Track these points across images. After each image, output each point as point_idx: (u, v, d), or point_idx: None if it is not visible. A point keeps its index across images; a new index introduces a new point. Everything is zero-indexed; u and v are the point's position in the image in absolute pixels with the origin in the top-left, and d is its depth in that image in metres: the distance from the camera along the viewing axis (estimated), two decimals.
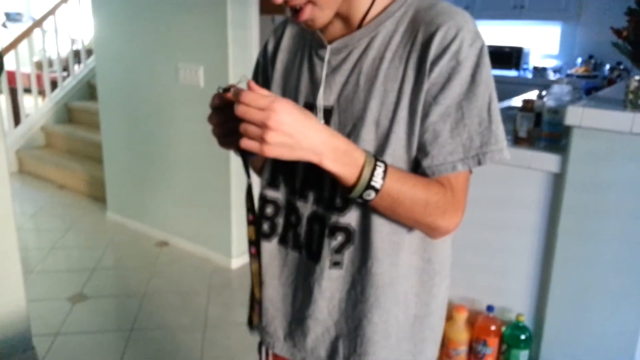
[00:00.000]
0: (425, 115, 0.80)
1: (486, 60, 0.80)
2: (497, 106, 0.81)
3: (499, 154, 0.80)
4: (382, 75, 0.82)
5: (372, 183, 0.74)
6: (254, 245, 0.92)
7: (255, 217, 0.90)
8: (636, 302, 1.70)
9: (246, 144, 0.70)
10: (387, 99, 0.81)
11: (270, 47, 1.00)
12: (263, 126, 0.68)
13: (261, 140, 0.68)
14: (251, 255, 0.92)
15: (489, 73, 0.81)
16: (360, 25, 0.85)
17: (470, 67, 0.78)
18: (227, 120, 0.76)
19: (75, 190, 4.42)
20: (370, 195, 0.76)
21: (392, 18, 0.84)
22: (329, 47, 0.87)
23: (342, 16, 0.85)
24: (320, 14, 0.81)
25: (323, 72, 0.88)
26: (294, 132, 0.69)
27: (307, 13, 0.80)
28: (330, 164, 0.73)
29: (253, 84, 0.70)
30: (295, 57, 0.95)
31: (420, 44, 0.80)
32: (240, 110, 0.68)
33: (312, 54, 0.91)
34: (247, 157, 0.86)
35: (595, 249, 1.74)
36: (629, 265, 1.69)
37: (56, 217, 3.92)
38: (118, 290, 2.91)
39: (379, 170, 0.75)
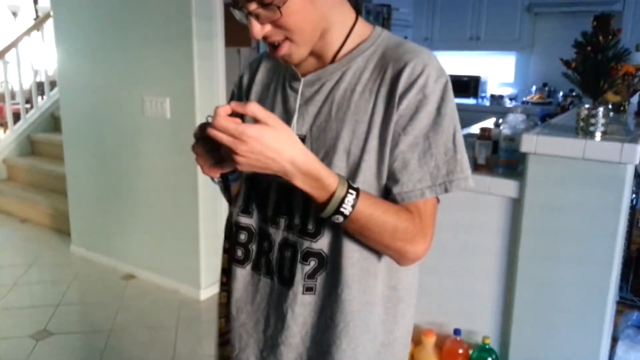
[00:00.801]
0: (395, 145, 0.84)
1: (450, 94, 0.86)
2: (461, 137, 0.86)
3: (464, 182, 0.85)
4: (353, 107, 0.86)
5: (341, 209, 0.78)
6: (225, 274, 0.94)
7: (230, 246, 0.92)
8: (597, 320, 1.76)
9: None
10: (358, 129, 0.85)
11: (245, 80, 1.04)
12: (232, 152, 0.73)
13: (233, 158, 0.74)
14: (222, 284, 0.95)
15: (453, 106, 0.86)
16: (332, 61, 0.90)
17: (436, 100, 0.84)
18: (212, 150, 0.81)
19: (39, 223, 4.32)
20: (339, 219, 0.80)
21: (362, 55, 0.89)
22: (302, 79, 0.91)
23: (315, 53, 0.90)
24: (297, 50, 0.85)
25: (297, 103, 0.91)
26: (262, 158, 0.74)
27: (284, 49, 0.84)
28: (300, 184, 0.78)
29: (235, 105, 0.74)
30: (269, 90, 0.98)
31: (390, 78, 0.85)
32: (211, 132, 0.73)
33: (285, 86, 0.95)
34: (229, 183, 0.89)
35: (555, 271, 1.80)
36: (587, 285, 1.75)
37: (19, 252, 3.82)
38: (83, 326, 2.84)
39: (350, 198, 0.78)
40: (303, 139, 0.90)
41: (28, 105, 5.28)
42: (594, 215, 1.72)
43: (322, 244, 0.88)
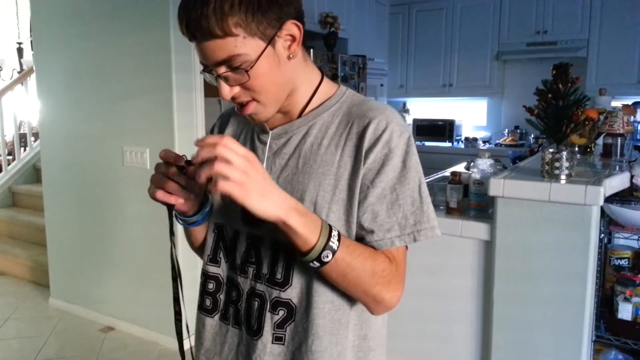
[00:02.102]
0: (364, 198, 0.87)
1: (414, 148, 0.90)
2: (426, 189, 0.90)
3: (431, 231, 0.89)
4: (320, 160, 0.90)
5: (330, 243, 0.79)
6: (177, 303, 0.96)
7: (199, 294, 0.96)
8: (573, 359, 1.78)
9: (223, 185, 0.71)
10: (324, 181, 0.89)
11: (215, 132, 1.08)
12: (242, 170, 0.72)
13: (239, 183, 0.72)
14: (176, 314, 0.97)
15: (417, 160, 0.91)
16: (299, 116, 0.95)
17: (401, 154, 0.88)
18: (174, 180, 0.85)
19: (17, 276, 4.24)
20: (328, 256, 0.79)
21: (328, 111, 0.94)
22: (270, 133, 0.96)
23: (283, 110, 0.94)
24: (263, 110, 0.89)
25: (265, 155, 0.95)
26: (264, 182, 0.75)
27: (251, 108, 0.89)
28: (294, 222, 0.77)
29: None
30: (238, 141, 1.02)
31: (356, 134, 0.89)
32: (219, 150, 0.72)
33: (254, 138, 0.99)
34: (174, 215, 0.93)
35: (530, 312, 1.82)
36: (562, 326, 1.77)
37: None
38: None
39: (335, 233, 0.80)
40: None
41: (10, 157, 5.27)
42: (563, 256, 1.76)
43: (291, 293, 0.90)
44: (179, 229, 1.02)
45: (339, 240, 0.80)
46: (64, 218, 3.56)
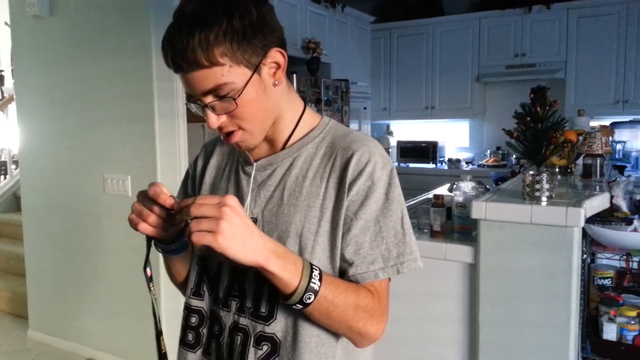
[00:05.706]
0: (348, 230, 0.88)
1: (396, 180, 0.91)
2: (408, 220, 0.91)
3: (414, 263, 0.89)
4: (305, 192, 0.90)
5: (312, 284, 0.79)
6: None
7: (181, 329, 0.94)
8: None
9: (198, 236, 0.72)
10: (309, 213, 0.89)
11: (199, 163, 1.08)
12: (217, 217, 0.72)
13: (215, 229, 0.72)
14: None
15: (400, 192, 0.92)
16: (284, 147, 0.95)
17: (384, 186, 0.89)
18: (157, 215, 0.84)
19: None
20: (310, 298, 0.79)
21: (312, 142, 0.94)
22: (255, 164, 0.95)
23: (268, 139, 0.95)
24: (249, 138, 0.90)
25: (249, 186, 0.95)
26: (243, 226, 0.74)
27: (237, 136, 0.89)
28: (274, 266, 0.76)
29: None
30: (223, 173, 1.02)
31: (339, 166, 0.90)
32: (195, 207, 0.73)
33: (238, 170, 0.98)
34: (154, 244, 0.92)
35: (516, 336, 1.81)
36: (548, 348, 1.76)
37: None
38: None
39: (316, 273, 0.80)
40: (255, 221, 0.92)
41: None
42: (547, 278, 1.76)
43: (275, 328, 0.89)
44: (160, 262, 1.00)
45: (320, 280, 0.80)
46: (43, 247, 3.49)
